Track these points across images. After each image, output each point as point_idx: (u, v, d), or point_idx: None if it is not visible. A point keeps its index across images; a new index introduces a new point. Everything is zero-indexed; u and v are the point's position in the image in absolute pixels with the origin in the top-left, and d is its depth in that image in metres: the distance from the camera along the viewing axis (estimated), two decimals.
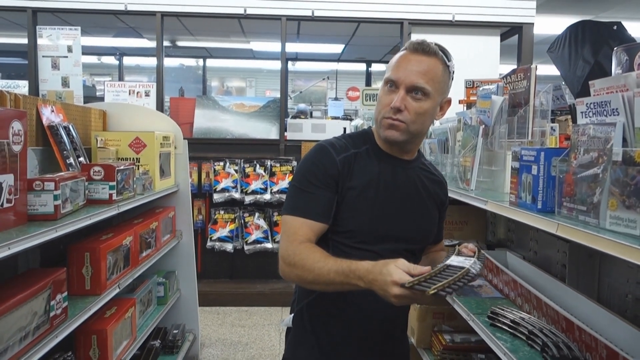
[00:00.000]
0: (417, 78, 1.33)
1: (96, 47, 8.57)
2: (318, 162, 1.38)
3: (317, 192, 1.36)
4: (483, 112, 2.25)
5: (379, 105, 1.40)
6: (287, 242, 1.33)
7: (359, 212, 1.38)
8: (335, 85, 10.03)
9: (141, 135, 2.84)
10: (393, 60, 1.40)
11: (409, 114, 1.34)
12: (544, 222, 1.42)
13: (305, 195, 1.36)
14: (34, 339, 1.63)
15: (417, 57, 1.35)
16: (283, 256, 1.33)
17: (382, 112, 1.38)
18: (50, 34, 4.75)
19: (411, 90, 1.34)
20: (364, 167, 1.40)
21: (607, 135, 1.26)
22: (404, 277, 1.09)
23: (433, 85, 1.35)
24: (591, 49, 3.54)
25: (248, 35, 7.49)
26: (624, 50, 1.56)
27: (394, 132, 1.37)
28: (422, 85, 1.33)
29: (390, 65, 1.39)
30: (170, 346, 3.21)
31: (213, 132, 5.13)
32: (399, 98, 1.33)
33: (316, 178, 1.36)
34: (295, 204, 1.37)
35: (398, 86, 1.35)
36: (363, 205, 1.38)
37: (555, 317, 1.71)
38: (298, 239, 1.32)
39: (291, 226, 1.34)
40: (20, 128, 1.69)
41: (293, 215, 1.35)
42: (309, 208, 1.35)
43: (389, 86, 1.37)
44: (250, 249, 4.80)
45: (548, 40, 4.16)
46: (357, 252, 1.38)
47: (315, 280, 1.26)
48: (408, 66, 1.34)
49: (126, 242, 2.43)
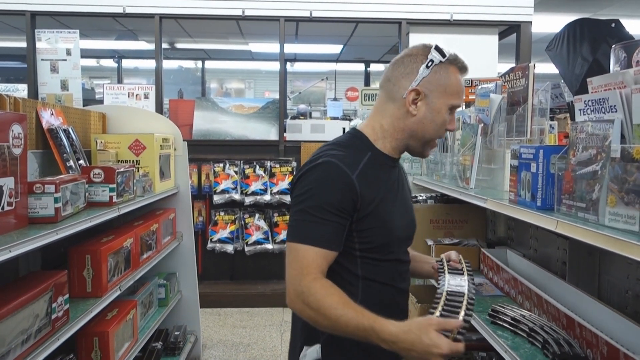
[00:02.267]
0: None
1: (95, 50, 8.58)
2: (336, 185, 1.25)
3: (333, 220, 1.24)
4: (482, 110, 2.26)
5: (441, 126, 1.36)
6: (299, 275, 1.21)
7: (386, 224, 1.33)
8: (334, 86, 10.03)
9: (141, 138, 2.85)
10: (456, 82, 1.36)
11: None
12: (544, 220, 1.42)
13: (320, 222, 1.23)
14: (35, 342, 1.63)
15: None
16: (296, 290, 1.21)
17: (440, 133, 1.38)
18: (49, 37, 4.76)
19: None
20: (376, 177, 1.33)
21: (605, 132, 1.26)
22: (452, 346, 1.08)
23: None
24: (589, 46, 3.54)
25: (246, 37, 7.50)
26: (622, 47, 1.57)
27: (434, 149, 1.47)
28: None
29: (455, 89, 1.36)
30: (172, 348, 3.21)
31: (212, 133, 5.13)
32: (455, 122, 1.41)
33: (332, 205, 1.24)
34: (309, 232, 1.23)
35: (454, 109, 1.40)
36: (386, 217, 1.33)
37: (556, 314, 1.71)
38: (312, 273, 1.21)
39: (304, 257, 1.22)
40: (20, 131, 1.69)
41: (305, 244, 1.22)
42: (325, 237, 1.24)
43: (451, 111, 1.38)
44: (251, 250, 4.81)
45: (546, 39, 4.16)
46: (387, 263, 1.35)
47: (331, 328, 1.18)
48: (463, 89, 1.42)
49: (127, 244, 2.43)
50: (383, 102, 1.40)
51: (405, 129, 1.36)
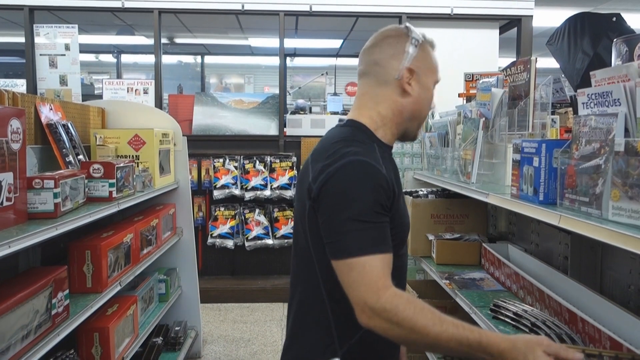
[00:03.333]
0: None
1: (94, 45, 8.55)
2: (375, 184, 1.15)
3: (383, 220, 1.15)
4: (483, 105, 2.25)
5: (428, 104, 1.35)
6: (373, 291, 1.08)
7: (403, 218, 1.28)
8: (334, 81, 10.01)
9: (140, 133, 2.84)
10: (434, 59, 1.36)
11: None
12: (546, 214, 1.41)
13: (374, 227, 1.13)
14: (36, 337, 1.63)
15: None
16: (375, 309, 1.07)
17: (428, 111, 1.38)
18: (47, 32, 4.74)
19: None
20: (391, 170, 1.26)
21: (608, 126, 1.25)
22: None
23: None
24: (590, 41, 3.53)
25: (246, 32, 7.47)
26: (624, 41, 1.55)
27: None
28: None
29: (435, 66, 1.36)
30: (173, 343, 3.21)
31: (212, 128, 5.12)
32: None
33: (379, 205, 1.15)
34: (368, 241, 1.11)
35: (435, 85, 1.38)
36: (402, 209, 1.28)
37: (558, 309, 1.71)
38: (388, 286, 1.10)
39: (371, 268, 1.09)
40: (19, 126, 1.68)
41: (369, 254, 1.10)
42: (384, 241, 1.14)
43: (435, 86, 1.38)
44: (251, 246, 4.80)
45: (547, 33, 4.14)
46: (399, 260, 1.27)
47: (427, 345, 1.09)
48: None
49: (127, 240, 2.43)
50: (373, 88, 1.32)
51: (404, 111, 1.31)
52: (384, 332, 1.09)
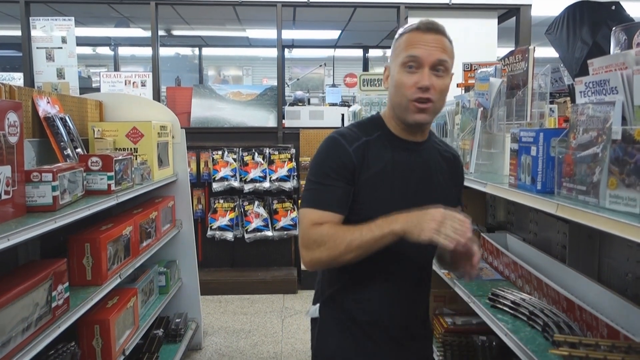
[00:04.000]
0: (441, 54, 1.32)
1: (91, 38, 8.52)
2: (332, 154, 1.37)
3: (334, 184, 1.35)
4: (481, 94, 2.24)
5: (401, 88, 1.34)
6: (307, 229, 1.32)
7: (376, 200, 1.36)
8: (332, 72, 9.98)
9: (138, 125, 2.83)
10: (404, 40, 1.35)
11: (435, 92, 1.32)
12: (544, 203, 1.42)
13: (322, 187, 1.35)
14: (36, 330, 1.64)
15: (432, 35, 1.33)
16: (306, 244, 1.32)
17: (408, 95, 1.33)
18: (43, 25, 4.72)
19: (435, 67, 1.32)
20: (378, 154, 1.38)
21: (606, 114, 1.25)
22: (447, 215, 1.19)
23: (451, 61, 1.36)
24: (589, 29, 3.52)
25: (244, 23, 7.44)
26: (623, 30, 1.55)
27: (424, 115, 1.35)
28: (446, 59, 1.33)
29: (404, 46, 1.34)
30: (173, 335, 3.23)
31: (211, 121, 5.11)
32: (425, 76, 1.31)
33: (331, 170, 1.35)
34: (313, 197, 1.36)
35: (421, 64, 1.32)
36: (380, 193, 1.36)
37: (556, 297, 1.72)
38: (318, 224, 1.32)
39: (310, 217, 1.33)
40: (16, 119, 1.68)
41: (312, 208, 1.35)
42: (327, 200, 1.34)
43: (408, 67, 1.33)
44: (251, 237, 4.81)
45: (546, 22, 4.13)
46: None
47: (347, 248, 1.26)
48: (428, 43, 1.32)
49: (126, 232, 2.43)
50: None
51: (389, 103, 1.44)
52: (318, 261, 1.31)
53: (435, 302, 2.67)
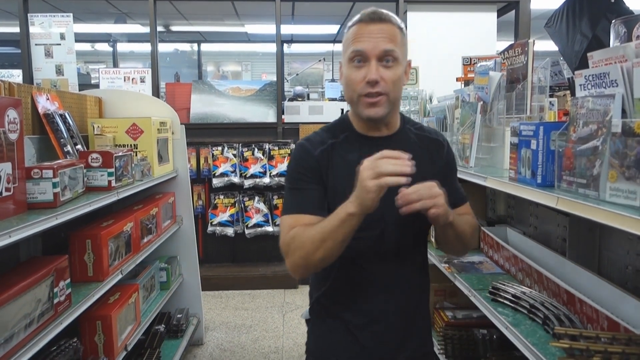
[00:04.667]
0: (386, 44, 1.28)
1: (89, 34, 8.50)
2: (299, 159, 1.39)
3: (307, 187, 1.36)
4: (481, 88, 2.24)
5: (350, 84, 1.32)
6: (283, 236, 1.33)
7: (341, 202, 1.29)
8: (331, 67, 9.96)
9: (138, 122, 2.83)
10: (350, 34, 1.33)
11: (386, 84, 1.29)
12: (544, 196, 1.42)
13: (296, 192, 1.37)
14: (38, 326, 1.64)
15: (377, 25, 1.29)
16: (284, 250, 1.32)
17: (358, 90, 1.30)
18: (42, 22, 4.70)
19: (382, 58, 1.28)
20: (344, 156, 1.37)
21: (606, 107, 1.25)
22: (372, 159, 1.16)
23: (399, 50, 1.30)
24: (589, 22, 3.51)
25: (242, 18, 7.42)
26: (622, 22, 1.55)
27: (376, 109, 1.31)
28: (392, 48, 1.28)
29: (350, 40, 1.32)
30: (175, 330, 3.24)
31: (210, 117, 5.11)
32: (373, 69, 1.28)
33: (301, 174, 1.37)
34: (289, 203, 1.38)
35: (367, 58, 1.29)
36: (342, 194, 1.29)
37: (557, 290, 1.72)
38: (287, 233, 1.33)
39: (286, 223, 1.34)
40: (16, 116, 1.68)
41: (288, 214, 1.35)
42: (301, 203, 1.35)
43: (356, 61, 1.30)
44: (251, 233, 4.82)
45: (545, 15, 4.12)
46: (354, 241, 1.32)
47: (313, 244, 1.25)
48: (372, 35, 1.28)
49: (127, 229, 2.44)
50: None
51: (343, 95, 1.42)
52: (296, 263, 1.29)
53: (435, 296, 2.68)
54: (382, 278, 1.41)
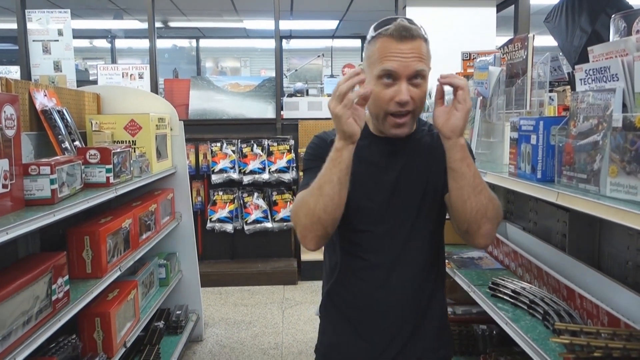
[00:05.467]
0: (417, 64, 1.26)
1: (87, 30, 8.47)
2: (314, 146, 1.46)
3: (318, 166, 1.34)
4: (480, 83, 2.23)
5: (377, 100, 1.30)
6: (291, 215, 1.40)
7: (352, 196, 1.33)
8: (330, 63, 9.94)
9: (136, 118, 2.82)
10: (378, 49, 1.30)
11: (415, 103, 1.29)
12: (544, 192, 1.41)
13: (308, 172, 1.41)
14: (37, 323, 1.64)
15: (408, 44, 1.27)
16: (292, 221, 1.36)
17: (385, 108, 1.30)
18: (40, 18, 4.68)
19: (412, 77, 1.27)
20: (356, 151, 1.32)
21: (606, 102, 1.24)
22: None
23: (428, 65, 1.29)
24: (588, 17, 3.50)
25: (241, 14, 7.40)
26: (622, 17, 1.54)
27: (403, 129, 1.32)
28: (422, 68, 1.27)
29: (378, 56, 1.29)
30: (174, 326, 3.24)
31: (209, 113, 5.10)
32: (404, 91, 1.26)
33: (313, 156, 1.42)
34: (302, 184, 1.42)
35: (398, 78, 1.27)
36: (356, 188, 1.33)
37: (557, 285, 1.72)
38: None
39: (297, 199, 1.34)
40: (13, 112, 1.67)
41: (300, 191, 1.37)
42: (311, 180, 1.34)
43: (385, 79, 1.28)
44: (251, 229, 4.81)
45: (545, 10, 4.10)
46: (355, 234, 1.38)
47: (316, 195, 1.26)
48: (403, 55, 1.26)
49: (125, 225, 2.43)
50: None
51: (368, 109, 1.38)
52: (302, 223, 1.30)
53: None
54: (387, 272, 1.39)
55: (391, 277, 1.40)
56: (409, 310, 1.41)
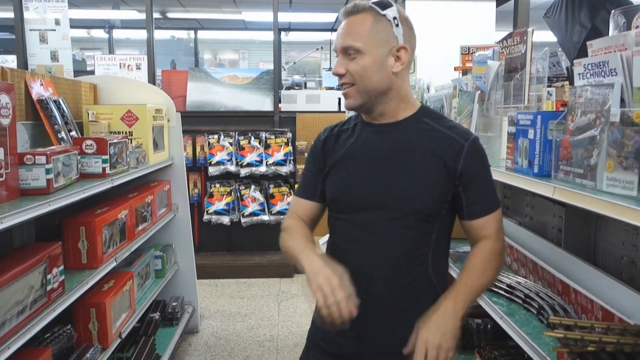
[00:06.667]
0: (344, 40, 1.33)
1: (85, 20, 8.42)
2: (313, 144, 1.54)
3: (307, 172, 1.52)
4: (479, 77, 2.23)
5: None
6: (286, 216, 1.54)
7: (335, 183, 1.44)
8: (329, 56, 9.91)
9: (133, 108, 2.81)
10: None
11: (350, 75, 1.34)
12: (541, 186, 1.41)
13: (303, 176, 1.53)
14: (31, 313, 1.63)
15: (348, 19, 1.35)
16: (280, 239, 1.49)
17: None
18: (37, 7, 4.65)
19: (345, 52, 1.34)
20: (345, 141, 1.45)
21: (604, 97, 1.24)
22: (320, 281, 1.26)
23: (363, 40, 1.31)
24: (588, 13, 3.49)
25: (239, 5, 7.36)
26: (622, 13, 1.53)
27: (349, 100, 1.38)
28: (349, 44, 1.32)
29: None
30: (170, 318, 3.24)
31: (206, 104, 5.08)
32: (336, 64, 1.37)
33: (309, 160, 1.52)
34: (299, 183, 1.55)
35: (337, 52, 1.39)
36: (339, 176, 1.43)
37: (552, 280, 1.72)
38: (290, 213, 1.52)
39: (291, 203, 1.54)
40: (8, 101, 1.66)
41: (294, 195, 1.55)
42: (302, 187, 1.52)
43: (335, 56, 1.40)
44: (247, 222, 4.81)
45: (544, 5, 4.09)
46: (339, 222, 1.44)
47: (284, 251, 1.44)
48: (340, 31, 1.36)
49: (121, 216, 2.42)
50: None
51: None
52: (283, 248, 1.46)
53: None
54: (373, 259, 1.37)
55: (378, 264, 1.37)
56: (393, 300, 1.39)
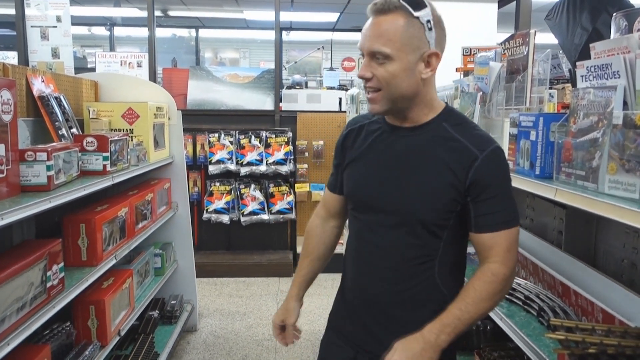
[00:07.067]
0: (373, 42, 1.23)
1: (86, 17, 8.41)
2: (339, 137, 1.54)
3: (334, 166, 1.56)
4: (481, 79, 2.22)
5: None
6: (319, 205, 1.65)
7: (350, 180, 1.45)
8: (330, 56, 9.91)
9: (134, 106, 2.80)
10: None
11: (377, 80, 1.26)
12: (542, 188, 1.41)
13: (333, 168, 1.57)
14: (31, 309, 1.63)
15: (377, 19, 1.24)
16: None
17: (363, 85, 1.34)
18: (38, 3, 4.64)
19: (373, 55, 1.25)
20: (364, 138, 1.43)
21: (607, 99, 1.24)
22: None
23: (393, 45, 1.22)
24: (589, 15, 3.49)
25: (241, 4, 7.36)
26: (623, 16, 1.53)
27: (374, 105, 1.30)
28: (379, 49, 1.22)
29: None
30: (169, 316, 3.24)
31: (207, 103, 5.08)
32: (362, 66, 1.28)
33: (335, 153, 1.55)
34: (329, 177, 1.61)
35: (363, 54, 1.28)
36: (353, 174, 1.44)
37: (552, 282, 1.72)
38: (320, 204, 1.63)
39: (323, 194, 1.63)
40: (10, 97, 1.65)
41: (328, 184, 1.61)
42: (329, 179, 1.58)
43: (360, 55, 1.33)
44: (247, 221, 4.81)
45: (546, 8, 4.09)
46: (353, 218, 1.47)
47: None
48: (367, 31, 1.25)
49: (121, 214, 2.42)
50: None
51: None
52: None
53: None
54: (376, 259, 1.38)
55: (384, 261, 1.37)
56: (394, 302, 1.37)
